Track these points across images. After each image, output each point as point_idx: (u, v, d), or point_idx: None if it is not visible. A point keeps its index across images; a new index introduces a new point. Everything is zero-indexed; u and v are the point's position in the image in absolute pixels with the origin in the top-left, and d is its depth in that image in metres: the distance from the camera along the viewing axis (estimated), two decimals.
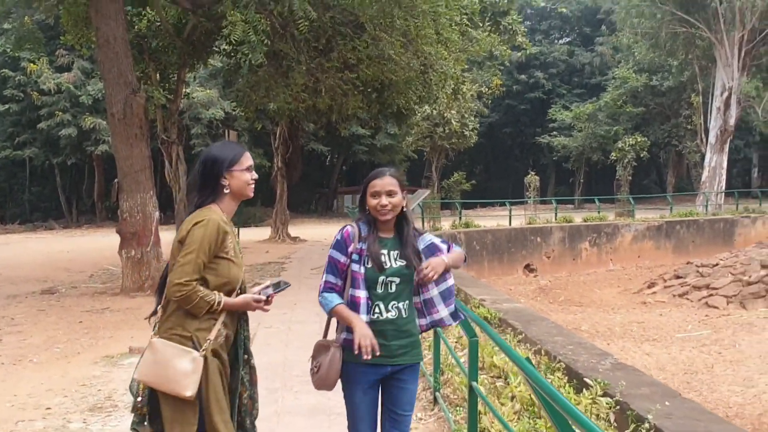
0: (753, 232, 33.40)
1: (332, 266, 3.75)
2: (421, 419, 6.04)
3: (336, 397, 6.56)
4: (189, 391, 3.28)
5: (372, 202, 3.70)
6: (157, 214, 14.43)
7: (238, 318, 3.59)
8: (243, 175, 3.50)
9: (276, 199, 27.28)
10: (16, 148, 41.58)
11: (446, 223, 29.58)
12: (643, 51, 45.86)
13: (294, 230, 28.10)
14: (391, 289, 3.69)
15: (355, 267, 3.68)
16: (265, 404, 6.45)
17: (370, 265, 3.66)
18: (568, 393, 5.99)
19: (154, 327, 3.50)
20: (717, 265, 20.58)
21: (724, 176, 40.11)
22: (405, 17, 15.31)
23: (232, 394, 3.55)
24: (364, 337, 3.51)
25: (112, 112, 13.94)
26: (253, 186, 3.57)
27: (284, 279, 3.69)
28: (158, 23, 18.86)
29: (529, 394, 5.82)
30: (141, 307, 12.51)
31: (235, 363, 3.57)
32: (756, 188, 58.66)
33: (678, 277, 20.87)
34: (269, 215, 42.42)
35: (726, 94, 38.46)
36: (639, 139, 41.65)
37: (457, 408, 5.99)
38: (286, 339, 9.22)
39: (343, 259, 3.71)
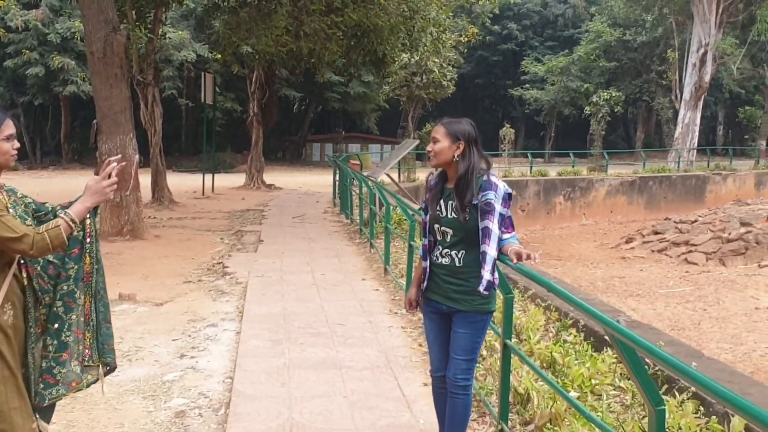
0: (723, 190, 33.79)
1: None
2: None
3: (346, 350, 6.46)
4: None
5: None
6: (137, 157, 14.00)
7: (23, 289, 3.19)
8: (2, 146, 3.11)
9: (251, 145, 26.74)
10: None
11: (421, 175, 29.37)
12: (621, 4, 45.55)
13: (266, 178, 27.64)
14: (446, 238, 3.91)
15: (424, 216, 4.10)
16: (271, 356, 6.29)
17: (429, 214, 4.01)
18: (586, 351, 5.85)
19: None
20: (696, 221, 20.68)
21: (697, 133, 40.31)
22: None
23: (26, 373, 3.20)
24: (407, 297, 4.37)
25: (92, 50, 13.37)
26: (15, 155, 3.17)
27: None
28: None
29: (550, 352, 5.66)
30: (122, 252, 12.20)
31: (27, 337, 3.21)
32: (720, 145, 59.25)
33: (656, 233, 20.95)
34: (239, 162, 41.88)
35: (702, 50, 38.38)
36: (614, 94, 41.58)
37: None
38: (281, 290, 8.97)
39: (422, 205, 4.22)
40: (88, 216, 3.30)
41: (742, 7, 40.61)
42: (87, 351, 3.37)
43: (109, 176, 3.24)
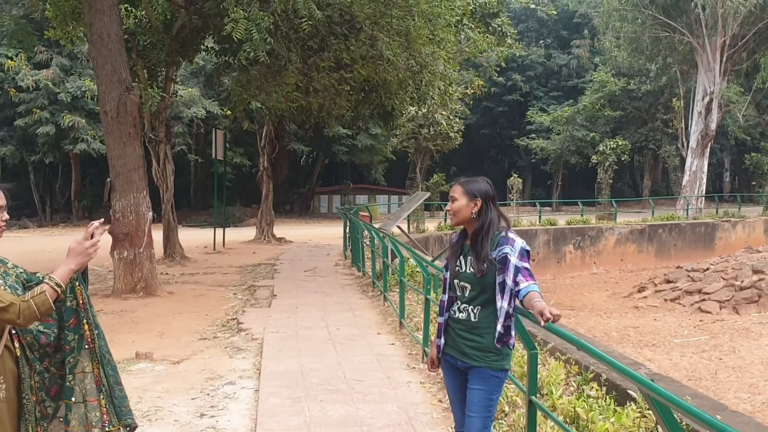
0: (733, 237, 33.73)
1: None
2: None
3: (366, 407, 6.43)
4: None
5: None
6: (150, 214, 14.10)
7: (16, 361, 3.18)
8: None
9: (261, 199, 26.94)
10: None
11: (431, 225, 29.46)
12: (625, 55, 46.04)
13: (275, 231, 27.76)
14: (465, 293, 4.00)
15: (445, 272, 4.21)
16: (291, 415, 6.27)
17: (449, 269, 4.13)
18: (609, 406, 5.82)
19: None
20: (708, 269, 20.62)
21: (705, 180, 40.41)
22: (403, 17, 15.14)
23: None
24: (429, 357, 4.48)
25: (106, 110, 13.58)
26: (3, 227, 3.21)
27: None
28: (146, 20, 18.50)
29: (573, 407, 5.64)
30: (136, 310, 12.21)
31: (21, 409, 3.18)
32: (727, 192, 59.35)
33: (669, 282, 20.89)
34: (249, 215, 42.10)
35: (707, 98, 38.69)
36: (620, 143, 41.80)
37: None
38: (297, 345, 8.96)
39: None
40: (78, 283, 3.28)
41: (746, 55, 41.00)
42: (105, 417, 3.35)
43: (92, 236, 3.23)
